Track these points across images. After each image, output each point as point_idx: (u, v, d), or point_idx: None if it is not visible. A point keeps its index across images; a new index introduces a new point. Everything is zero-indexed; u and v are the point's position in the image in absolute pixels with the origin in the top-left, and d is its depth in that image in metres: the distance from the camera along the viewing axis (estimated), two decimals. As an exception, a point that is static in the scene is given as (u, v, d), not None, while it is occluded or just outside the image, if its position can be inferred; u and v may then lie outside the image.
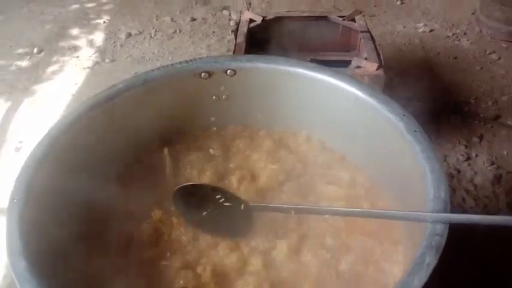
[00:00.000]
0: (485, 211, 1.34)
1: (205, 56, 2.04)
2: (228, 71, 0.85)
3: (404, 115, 0.71)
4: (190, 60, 0.85)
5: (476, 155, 1.53)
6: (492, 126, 1.64)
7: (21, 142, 1.64)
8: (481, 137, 1.60)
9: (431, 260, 0.55)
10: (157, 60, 2.04)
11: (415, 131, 0.69)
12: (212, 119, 0.92)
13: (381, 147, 0.76)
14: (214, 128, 0.93)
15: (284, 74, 0.82)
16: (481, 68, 1.93)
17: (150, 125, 0.85)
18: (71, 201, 0.66)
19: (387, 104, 0.73)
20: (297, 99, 0.85)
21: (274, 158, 0.86)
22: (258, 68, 0.84)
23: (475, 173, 1.47)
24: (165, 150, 0.85)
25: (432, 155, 0.66)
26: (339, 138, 0.85)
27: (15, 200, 0.62)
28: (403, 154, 0.70)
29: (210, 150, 0.89)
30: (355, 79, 0.77)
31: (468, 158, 1.52)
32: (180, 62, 0.84)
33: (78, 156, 0.71)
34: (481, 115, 1.70)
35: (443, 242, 0.57)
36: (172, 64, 0.84)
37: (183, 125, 0.91)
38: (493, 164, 1.49)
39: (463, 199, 1.38)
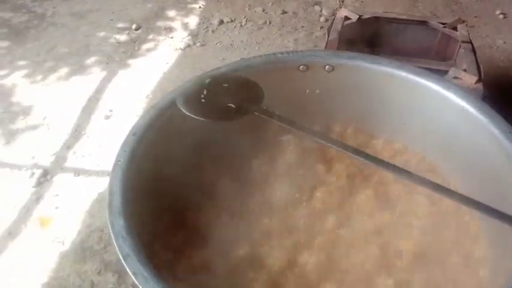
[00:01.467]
0: None
1: (291, 49, 2.04)
2: (327, 67, 0.85)
3: (511, 133, 0.67)
4: (292, 52, 0.86)
5: None
6: None
7: (111, 111, 1.75)
8: None
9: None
10: (245, 48, 2.07)
11: (523, 152, 0.65)
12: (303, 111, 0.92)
13: (480, 163, 0.73)
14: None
15: (386, 76, 0.81)
16: None
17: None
18: (170, 170, 0.69)
19: (494, 120, 0.69)
20: (395, 103, 0.83)
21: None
22: (359, 67, 0.83)
23: None
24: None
25: (540, 180, 0.62)
26: (434, 149, 0.82)
27: (119, 162, 0.66)
28: (506, 175, 0.66)
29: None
30: (463, 89, 0.73)
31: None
32: (282, 53, 0.85)
33: (179, 130, 0.74)
34: None
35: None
36: (274, 53, 0.85)
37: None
38: None
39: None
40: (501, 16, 2.27)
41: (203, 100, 0.72)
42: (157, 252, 0.60)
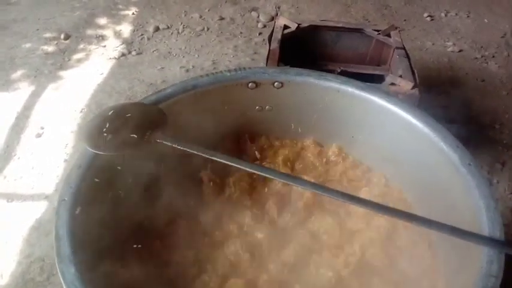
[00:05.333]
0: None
1: (231, 56, 2.03)
2: (276, 83, 0.84)
3: (458, 146, 0.70)
4: (240, 69, 0.84)
5: (498, 182, 1.52)
6: (515, 154, 1.62)
7: (42, 128, 1.63)
8: (503, 164, 1.58)
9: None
10: (184, 56, 2.02)
11: (469, 164, 0.68)
12: (254, 128, 0.91)
13: (429, 176, 0.75)
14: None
15: (333, 91, 0.81)
16: (508, 93, 1.91)
17: (195, 130, 0.84)
18: (119, 202, 0.65)
19: (441, 133, 0.72)
20: (343, 117, 0.84)
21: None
22: (307, 83, 0.83)
23: (496, 199, 1.45)
24: None
25: (487, 192, 0.65)
26: (382, 161, 0.84)
27: (63, 201, 0.61)
28: (454, 187, 0.69)
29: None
30: (409, 104, 0.75)
31: (489, 184, 1.49)
32: (229, 71, 0.83)
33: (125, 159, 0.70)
34: (505, 142, 1.68)
35: (498, 285, 0.56)
36: (221, 72, 0.83)
37: (224, 132, 0.90)
38: (514, 191, 1.48)
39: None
40: (428, 19, 2.39)
41: (105, 134, 0.69)
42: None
